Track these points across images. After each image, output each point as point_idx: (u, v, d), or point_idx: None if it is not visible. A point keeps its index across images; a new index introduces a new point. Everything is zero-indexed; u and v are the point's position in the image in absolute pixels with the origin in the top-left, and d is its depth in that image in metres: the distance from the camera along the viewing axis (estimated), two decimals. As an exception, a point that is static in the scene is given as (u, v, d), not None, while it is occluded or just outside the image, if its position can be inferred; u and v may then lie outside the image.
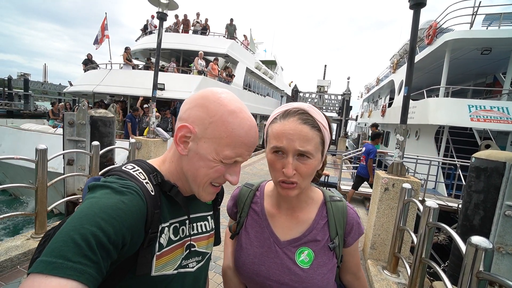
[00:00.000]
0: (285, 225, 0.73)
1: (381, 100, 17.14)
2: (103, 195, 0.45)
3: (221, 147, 0.53)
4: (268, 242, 0.72)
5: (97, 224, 0.39)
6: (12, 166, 5.73)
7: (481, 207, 2.60)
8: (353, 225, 0.73)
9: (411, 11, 2.79)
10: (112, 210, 0.42)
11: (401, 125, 2.88)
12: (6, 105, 22.67)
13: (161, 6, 4.11)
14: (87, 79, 9.70)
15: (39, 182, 2.42)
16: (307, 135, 0.61)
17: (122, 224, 0.42)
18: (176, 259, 0.58)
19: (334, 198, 0.76)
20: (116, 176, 0.51)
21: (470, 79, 11.03)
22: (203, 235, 0.67)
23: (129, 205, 0.45)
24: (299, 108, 0.64)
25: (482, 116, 6.54)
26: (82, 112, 3.56)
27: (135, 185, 0.49)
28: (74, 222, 0.39)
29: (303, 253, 0.69)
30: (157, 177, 0.55)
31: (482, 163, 2.62)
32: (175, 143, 0.56)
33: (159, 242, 0.53)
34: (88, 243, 0.37)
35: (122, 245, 0.43)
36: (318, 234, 0.70)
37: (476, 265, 1.22)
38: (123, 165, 0.56)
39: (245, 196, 0.81)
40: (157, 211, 0.51)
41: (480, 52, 7.41)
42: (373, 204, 3.09)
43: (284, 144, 0.61)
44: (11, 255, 2.18)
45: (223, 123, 0.52)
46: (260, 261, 0.71)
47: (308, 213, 0.73)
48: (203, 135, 0.53)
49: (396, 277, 2.57)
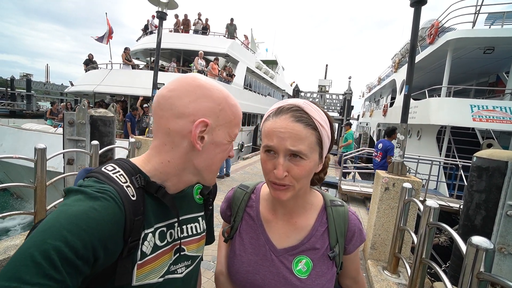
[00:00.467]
0: (282, 231, 0.68)
1: (383, 100, 17.07)
2: (74, 202, 0.41)
3: (232, 129, 0.57)
4: (263, 250, 0.67)
5: (62, 237, 0.35)
6: (13, 166, 5.77)
7: (482, 207, 2.58)
8: (355, 232, 0.69)
9: (412, 9, 2.76)
10: (81, 220, 0.38)
11: (402, 124, 2.86)
12: (9, 105, 22.83)
13: (161, 6, 4.11)
14: (88, 79, 9.75)
15: (38, 182, 2.42)
16: (299, 133, 0.56)
17: (93, 235, 0.38)
18: (162, 265, 0.54)
19: (335, 202, 0.71)
20: (94, 179, 0.46)
21: (473, 79, 10.95)
22: (194, 238, 0.64)
23: (102, 213, 0.41)
24: (293, 105, 0.60)
25: (484, 116, 6.48)
26: (82, 112, 3.56)
27: (112, 189, 0.45)
28: (36, 237, 0.35)
29: (301, 262, 0.65)
30: (140, 180, 0.51)
31: (484, 162, 2.59)
32: (193, 141, 0.51)
33: (141, 250, 0.49)
34: (50, 260, 0.33)
35: (95, 258, 0.39)
36: (317, 242, 0.66)
37: (477, 266, 1.20)
38: (104, 165, 0.51)
39: (240, 199, 0.76)
40: (138, 217, 0.47)
41: (482, 51, 7.34)
42: (374, 203, 3.07)
43: (274, 143, 0.57)
44: (10, 254, 2.18)
45: (229, 107, 0.56)
46: (254, 270, 0.66)
47: (307, 219, 0.68)
48: (217, 123, 0.54)
49: (397, 277, 2.55)
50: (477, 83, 10.95)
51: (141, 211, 0.48)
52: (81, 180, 0.47)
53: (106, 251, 0.41)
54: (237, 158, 11.85)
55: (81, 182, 0.46)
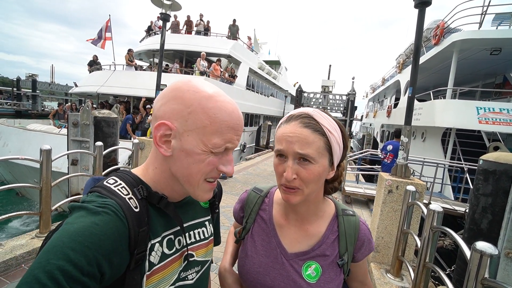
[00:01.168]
0: (293, 237, 0.70)
1: (387, 100, 16.94)
2: (76, 219, 0.41)
3: (208, 136, 0.49)
4: (274, 253, 0.70)
5: (65, 256, 0.36)
6: (18, 166, 5.87)
7: (489, 210, 2.54)
8: (364, 241, 0.71)
9: (416, 10, 2.74)
10: (84, 236, 0.39)
11: (406, 126, 2.84)
12: (15, 105, 23.18)
13: (164, 7, 4.14)
14: (92, 80, 9.86)
15: (44, 182, 2.45)
16: (307, 138, 0.59)
17: (96, 251, 0.39)
18: (173, 273, 0.55)
19: (347, 212, 0.73)
20: (97, 193, 0.47)
21: (479, 79, 10.80)
22: (202, 243, 0.64)
23: (104, 227, 0.41)
24: (303, 112, 0.63)
25: (491, 118, 6.38)
26: (86, 113, 3.60)
27: (114, 203, 0.45)
28: (40, 258, 0.36)
29: (310, 267, 0.67)
30: (142, 191, 0.51)
31: (491, 165, 2.56)
32: (155, 145, 0.50)
33: (148, 260, 0.49)
34: (55, 280, 0.34)
35: (101, 273, 0.40)
36: (328, 249, 0.68)
37: (481, 272, 1.19)
38: (106, 178, 0.52)
39: (253, 202, 0.78)
40: (143, 228, 0.47)
41: (489, 53, 7.23)
42: (377, 206, 3.05)
43: (283, 146, 0.60)
44: (16, 253, 2.22)
45: (203, 110, 0.48)
46: (265, 271, 0.68)
47: (318, 226, 0.70)
48: (185, 128, 0.49)
49: (400, 281, 2.52)
50: (483, 84, 10.80)
51: (145, 222, 0.48)
52: (84, 196, 0.48)
53: (111, 265, 0.41)
54: (239, 159, 11.86)
55: (84, 197, 0.47)
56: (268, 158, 10.80)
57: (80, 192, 3.68)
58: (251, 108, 13.73)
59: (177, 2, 4.13)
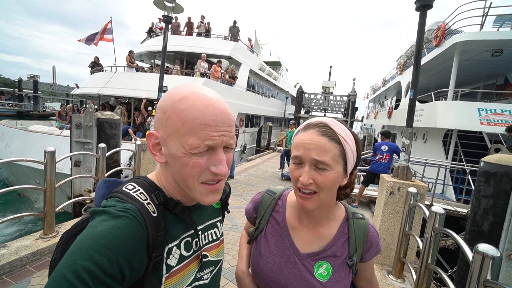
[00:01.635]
0: (306, 238, 0.74)
1: (388, 102, 16.93)
2: (99, 223, 0.43)
3: (183, 138, 0.49)
4: (287, 253, 0.73)
5: (90, 257, 0.38)
6: (20, 167, 5.91)
7: (490, 212, 2.54)
8: (372, 243, 0.74)
9: (418, 12, 2.75)
10: (106, 239, 0.41)
11: (407, 128, 2.85)
12: (16, 106, 23.27)
13: (167, 10, 4.16)
14: (93, 82, 9.90)
15: (48, 184, 2.47)
16: (324, 145, 0.62)
17: (118, 253, 0.41)
18: (190, 274, 0.57)
19: (357, 215, 0.77)
20: (117, 199, 0.49)
21: (480, 81, 10.79)
22: (215, 243, 0.67)
23: (124, 230, 0.43)
24: (320, 122, 0.67)
25: (492, 119, 6.38)
26: (89, 115, 3.62)
27: (134, 208, 0.47)
28: (68, 258, 0.38)
29: (322, 266, 0.70)
30: (159, 196, 0.53)
31: (492, 167, 2.56)
32: (151, 153, 0.55)
33: (166, 263, 0.51)
34: (82, 280, 0.36)
35: (122, 275, 0.42)
36: (338, 250, 0.71)
37: (483, 274, 1.20)
38: (125, 184, 0.54)
39: (267, 204, 0.82)
40: (160, 233, 0.49)
41: (490, 54, 7.23)
42: (378, 207, 3.05)
43: (301, 152, 0.64)
44: (21, 254, 2.24)
45: (175, 113, 0.49)
46: (278, 270, 0.72)
47: (330, 228, 0.74)
48: (167, 134, 0.50)
49: (402, 282, 2.53)
50: (484, 86, 10.79)
51: (162, 226, 0.50)
52: (104, 201, 0.50)
53: (131, 268, 0.43)
54: (240, 160, 11.87)
55: (104, 202, 0.49)
56: (269, 159, 10.80)
57: (83, 193, 3.70)
58: (252, 109, 13.75)
59: (179, 5, 4.16)
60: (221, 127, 0.50)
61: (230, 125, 0.53)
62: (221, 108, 0.51)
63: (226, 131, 0.51)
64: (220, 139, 0.50)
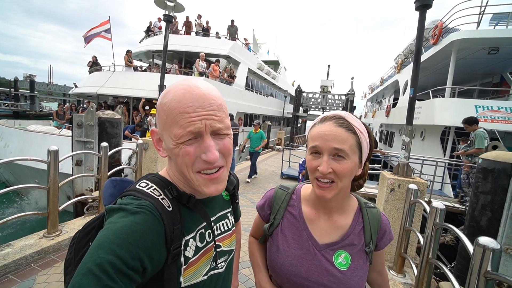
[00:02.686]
0: (323, 229, 0.75)
1: (385, 100, 17.03)
2: (118, 219, 0.45)
3: (170, 130, 0.51)
4: (306, 245, 0.74)
5: (112, 251, 0.40)
6: (19, 167, 5.88)
7: (488, 208, 2.59)
8: (386, 231, 0.77)
9: (416, 12, 2.79)
10: (127, 234, 0.42)
11: (407, 126, 2.89)
12: (13, 106, 23.03)
13: (168, 9, 4.16)
14: (91, 81, 9.85)
15: (51, 183, 2.48)
16: (341, 135, 0.65)
17: (138, 247, 0.43)
18: (206, 264, 0.59)
19: (369, 205, 0.79)
20: (132, 196, 0.51)
21: (476, 79, 10.90)
22: (227, 233, 0.69)
23: (143, 225, 0.45)
24: (335, 114, 0.70)
25: (489, 116, 6.46)
26: (90, 114, 3.62)
27: (149, 203, 0.49)
28: (92, 253, 0.40)
29: (341, 256, 0.72)
30: (173, 191, 0.55)
31: (490, 164, 2.61)
32: (157, 150, 0.58)
33: (184, 255, 0.53)
34: (106, 272, 0.38)
35: (143, 267, 0.43)
36: (355, 238, 0.73)
37: (484, 265, 1.23)
38: (137, 182, 0.56)
39: (281, 199, 0.83)
40: (177, 226, 0.51)
41: (487, 52, 7.32)
42: (379, 204, 3.10)
43: (319, 143, 0.66)
44: (26, 253, 2.25)
45: (161, 108, 0.52)
46: (298, 263, 0.73)
47: (345, 218, 0.76)
48: (161, 130, 0.54)
49: (402, 277, 2.57)
50: (481, 84, 10.90)
51: (178, 219, 0.52)
52: (119, 199, 0.52)
53: (151, 260, 0.45)
54: (239, 159, 11.89)
55: (120, 200, 0.51)
56: (269, 158, 10.83)
57: (84, 193, 3.70)
58: (250, 108, 13.75)
59: (180, 4, 4.16)
60: (201, 111, 0.50)
61: (212, 108, 0.51)
62: (199, 94, 0.51)
63: (208, 115, 0.51)
64: (202, 123, 0.50)
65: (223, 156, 0.55)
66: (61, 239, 2.55)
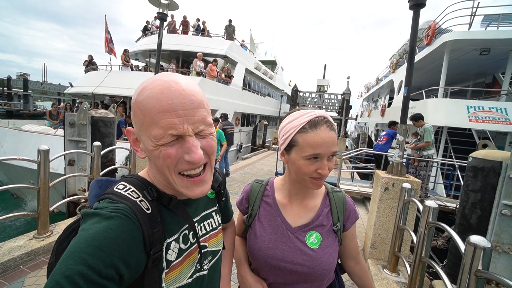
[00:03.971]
0: (295, 213, 0.83)
1: (381, 100, 17.17)
2: (91, 225, 0.43)
3: (148, 131, 0.47)
4: (281, 229, 0.81)
5: (83, 261, 0.38)
6: (13, 167, 5.76)
7: (478, 206, 2.63)
8: (351, 211, 0.86)
9: (411, 11, 2.81)
10: (99, 241, 0.40)
11: (401, 125, 2.91)
12: (6, 105, 22.60)
13: (162, 7, 4.12)
14: (87, 81, 9.72)
15: (41, 183, 2.43)
16: (335, 138, 0.73)
17: (112, 254, 0.40)
18: (190, 266, 0.57)
19: (335, 189, 0.89)
20: (108, 200, 0.48)
21: (469, 79, 11.07)
22: (213, 233, 0.67)
23: (118, 231, 0.43)
24: (323, 116, 0.74)
25: (480, 117, 6.56)
26: (83, 113, 3.57)
27: (126, 207, 0.46)
28: (60, 265, 0.38)
29: (312, 236, 0.80)
30: (152, 192, 0.52)
31: (479, 162, 2.64)
32: (134, 151, 0.55)
33: (166, 259, 0.51)
34: (77, 284, 0.36)
35: (119, 275, 0.41)
36: (324, 220, 0.82)
37: (475, 264, 1.24)
38: (115, 184, 0.52)
39: (257, 191, 0.90)
40: (157, 229, 0.49)
41: (479, 53, 7.43)
42: (373, 203, 3.11)
43: (322, 150, 0.71)
44: (14, 255, 2.20)
45: (137, 107, 0.48)
46: (274, 246, 0.79)
47: (314, 201, 0.84)
48: (138, 130, 0.50)
49: (396, 276, 2.59)
50: (473, 84, 11.07)
51: (158, 222, 0.50)
52: (96, 203, 0.49)
53: (128, 267, 0.43)
54: (236, 159, 11.86)
55: (96, 204, 0.48)
56: (265, 157, 10.83)
57: (77, 193, 3.64)
58: (248, 108, 13.74)
59: (174, 2, 4.12)
60: (180, 111, 0.46)
61: (192, 107, 0.47)
62: (179, 90, 0.46)
63: (189, 115, 0.47)
64: (184, 127, 0.46)
65: (207, 153, 0.53)
66: (51, 240, 2.50)
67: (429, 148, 4.99)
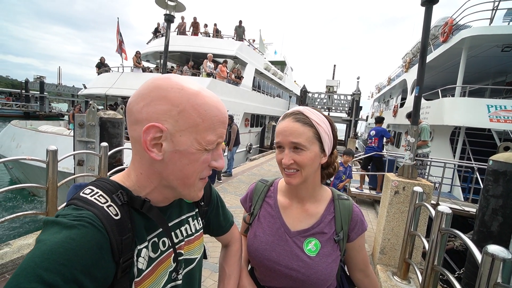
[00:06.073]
0: (296, 217, 0.81)
1: (393, 100, 16.68)
2: (50, 236, 0.38)
3: (202, 134, 0.48)
4: (279, 232, 0.80)
5: (37, 278, 0.34)
6: (30, 166, 6.02)
7: (499, 213, 2.46)
8: (357, 222, 0.80)
9: (423, 6, 2.68)
10: (58, 254, 0.36)
11: (412, 126, 2.77)
12: (23, 107, 23.73)
13: (169, 8, 4.16)
14: (100, 82, 10.02)
15: (50, 182, 2.49)
16: (297, 129, 0.72)
17: (74, 267, 0.37)
18: (162, 275, 0.53)
19: (342, 197, 0.84)
20: (73, 206, 0.44)
21: (488, 78, 10.52)
22: (189, 239, 0.63)
23: (80, 241, 0.39)
24: (295, 110, 0.76)
25: (502, 116, 6.19)
26: (91, 114, 3.65)
27: (90, 214, 0.42)
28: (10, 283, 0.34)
29: (311, 243, 0.77)
30: (122, 196, 0.48)
31: (501, 166, 2.48)
32: (145, 149, 0.47)
33: (137, 267, 0.48)
34: None
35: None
36: (325, 227, 0.78)
37: (493, 276, 1.14)
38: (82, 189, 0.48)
39: (260, 191, 0.91)
40: (126, 235, 0.45)
41: (500, 49, 7.03)
42: (383, 207, 2.99)
43: (280, 139, 0.74)
44: (23, 252, 2.26)
45: (193, 108, 0.47)
46: (271, 248, 0.79)
47: (317, 207, 0.81)
48: (177, 129, 0.46)
49: (407, 284, 2.46)
50: (493, 83, 10.52)
51: (128, 228, 0.46)
52: (60, 210, 0.46)
53: (94, 279, 0.39)
54: (245, 160, 11.85)
55: (58, 211, 0.45)
56: (272, 159, 10.75)
57: (86, 192, 3.73)
58: (257, 109, 13.71)
59: (181, 3, 4.15)
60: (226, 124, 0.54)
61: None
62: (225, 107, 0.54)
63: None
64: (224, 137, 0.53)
65: None
66: (59, 238, 2.55)
67: (425, 146, 4.92)
